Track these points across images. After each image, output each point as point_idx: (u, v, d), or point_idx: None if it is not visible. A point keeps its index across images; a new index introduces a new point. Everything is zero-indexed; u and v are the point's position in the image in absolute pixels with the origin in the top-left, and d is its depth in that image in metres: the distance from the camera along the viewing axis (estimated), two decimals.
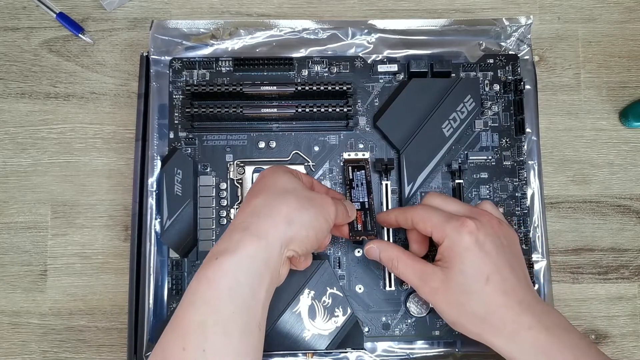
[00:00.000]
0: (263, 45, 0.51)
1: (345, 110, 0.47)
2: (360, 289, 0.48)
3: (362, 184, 0.47)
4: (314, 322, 0.45)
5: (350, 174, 0.48)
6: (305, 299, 0.45)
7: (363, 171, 0.48)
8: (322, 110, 0.47)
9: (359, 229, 0.44)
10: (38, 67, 0.53)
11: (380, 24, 0.51)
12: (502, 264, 0.39)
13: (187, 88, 0.47)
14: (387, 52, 0.51)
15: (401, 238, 0.48)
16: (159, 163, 0.49)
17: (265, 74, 0.50)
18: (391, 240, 0.48)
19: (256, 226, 0.37)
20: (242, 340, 0.35)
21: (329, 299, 0.46)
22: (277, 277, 0.38)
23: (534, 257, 0.49)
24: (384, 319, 0.48)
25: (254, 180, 0.48)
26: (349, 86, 0.47)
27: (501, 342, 0.38)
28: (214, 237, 0.48)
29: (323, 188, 0.47)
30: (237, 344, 0.35)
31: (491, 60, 0.51)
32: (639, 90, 0.54)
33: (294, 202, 0.38)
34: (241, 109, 0.47)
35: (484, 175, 0.50)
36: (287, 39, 0.51)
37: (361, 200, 0.46)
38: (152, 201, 0.48)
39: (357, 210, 0.45)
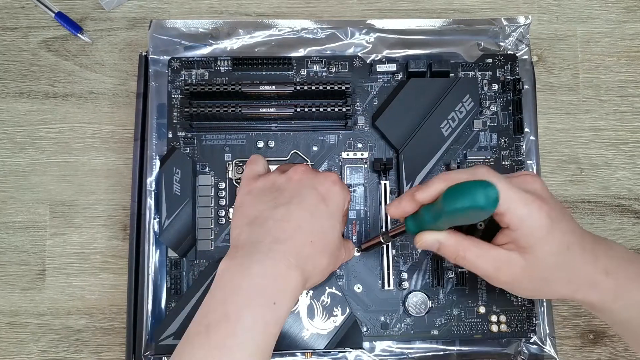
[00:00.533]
0: (262, 45, 0.51)
1: (344, 109, 0.47)
2: (359, 288, 0.48)
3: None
4: (312, 321, 0.45)
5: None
6: (304, 298, 0.45)
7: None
8: (321, 109, 0.47)
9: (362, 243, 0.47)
10: (36, 66, 0.53)
11: (379, 23, 0.51)
12: (571, 227, 0.38)
13: (186, 87, 0.47)
14: (386, 52, 0.51)
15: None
16: (157, 163, 0.49)
17: (264, 73, 0.50)
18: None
19: (305, 263, 0.39)
20: None
21: (327, 298, 0.46)
22: None
23: None
24: (382, 318, 0.48)
25: None
26: (348, 86, 0.47)
27: (594, 296, 0.39)
28: (212, 237, 0.48)
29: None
30: None
31: (490, 60, 0.51)
32: (638, 90, 0.54)
33: (328, 260, 0.41)
34: (240, 109, 0.47)
35: None
36: (285, 38, 0.51)
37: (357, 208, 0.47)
38: (150, 201, 0.48)
39: (353, 220, 0.46)
